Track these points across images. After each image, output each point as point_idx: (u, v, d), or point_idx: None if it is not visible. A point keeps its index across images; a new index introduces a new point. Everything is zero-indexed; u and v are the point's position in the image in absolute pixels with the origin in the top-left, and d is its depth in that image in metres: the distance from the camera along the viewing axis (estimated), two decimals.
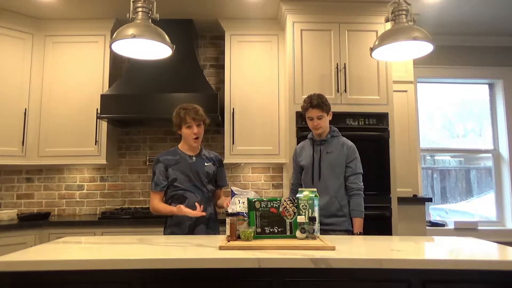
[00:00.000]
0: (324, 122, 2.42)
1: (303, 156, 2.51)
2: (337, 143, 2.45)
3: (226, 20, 3.63)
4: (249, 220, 1.87)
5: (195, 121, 2.32)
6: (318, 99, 2.40)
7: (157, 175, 2.35)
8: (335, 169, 2.40)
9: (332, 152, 2.42)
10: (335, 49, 3.27)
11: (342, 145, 2.44)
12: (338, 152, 2.42)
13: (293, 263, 1.48)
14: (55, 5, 3.37)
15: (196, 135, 2.33)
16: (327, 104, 2.43)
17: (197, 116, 2.32)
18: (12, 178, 3.79)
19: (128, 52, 2.29)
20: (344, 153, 2.41)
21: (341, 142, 2.46)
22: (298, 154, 2.57)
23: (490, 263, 1.50)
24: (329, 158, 2.42)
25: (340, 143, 2.45)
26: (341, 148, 2.43)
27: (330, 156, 2.42)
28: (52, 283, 1.49)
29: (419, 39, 2.03)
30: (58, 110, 3.52)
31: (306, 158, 2.48)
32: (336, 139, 2.47)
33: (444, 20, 3.72)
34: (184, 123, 2.31)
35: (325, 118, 2.42)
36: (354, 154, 2.43)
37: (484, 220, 4.11)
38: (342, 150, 2.42)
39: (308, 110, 2.41)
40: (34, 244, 3.05)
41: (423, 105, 4.22)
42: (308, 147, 2.52)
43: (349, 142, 2.47)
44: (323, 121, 2.41)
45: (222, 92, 3.74)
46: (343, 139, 2.49)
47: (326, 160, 2.42)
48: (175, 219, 2.32)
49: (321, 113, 2.39)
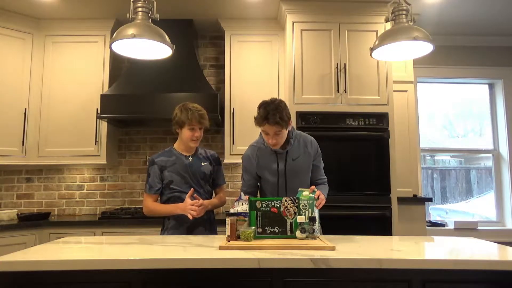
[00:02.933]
0: (282, 138, 2.08)
1: (265, 168, 2.19)
2: (298, 144, 2.19)
3: (226, 20, 3.63)
4: (250, 220, 1.87)
5: (199, 125, 2.27)
6: (276, 113, 1.98)
7: (152, 177, 2.30)
8: (304, 175, 2.19)
9: (298, 157, 2.17)
10: (335, 49, 3.27)
11: (305, 144, 2.20)
12: (304, 155, 2.18)
13: (293, 263, 1.48)
14: (55, 5, 3.37)
15: (197, 138, 2.29)
16: (287, 118, 2.02)
17: (203, 121, 2.27)
18: (12, 178, 3.79)
19: (128, 52, 2.29)
20: (310, 155, 2.20)
21: (302, 142, 2.21)
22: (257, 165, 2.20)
23: (490, 263, 1.50)
24: (296, 165, 2.17)
25: (302, 143, 2.20)
26: (305, 149, 2.19)
27: (296, 163, 2.17)
28: (52, 283, 1.49)
29: (419, 39, 2.03)
30: (58, 110, 3.53)
31: (269, 168, 2.18)
32: (296, 140, 2.20)
33: (444, 20, 3.72)
34: (189, 125, 2.25)
35: (284, 133, 2.07)
36: (318, 149, 2.24)
37: (484, 220, 4.11)
38: (305, 150, 2.19)
39: (264, 126, 2.03)
40: (34, 244, 3.05)
41: (423, 105, 4.23)
42: (268, 156, 2.18)
43: (308, 137, 2.24)
44: (280, 137, 2.07)
45: (222, 92, 3.74)
46: (303, 136, 2.23)
47: (293, 169, 2.16)
48: (172, 221, 2.28)
49: (280, 129, 2.02)
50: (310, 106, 3.17)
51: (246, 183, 2.28)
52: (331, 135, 3.11)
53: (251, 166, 2.23)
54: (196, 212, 2.14)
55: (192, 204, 2.15)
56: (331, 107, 3.19)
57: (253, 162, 2.22)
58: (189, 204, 2.15)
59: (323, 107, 3.18)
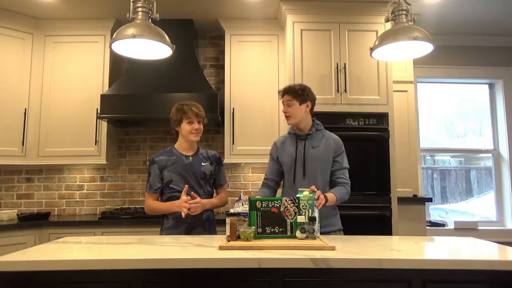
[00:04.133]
0: (293, 110, 2.22)
1: (285, 152, 2.30)
2: (323, 137, 2.28)
3: (226, 20, 3.63)
4: (250, 220, 1.87)
5: (197, 117, 2.29)
6: (290, 86, 2.26)
7: (152, 177, 2.31)
8: (322, 165, 2.23)
9: (318, 146, 2.24)
10: (335, 49, 3.27)
11: (328, 138, 2.28)
12: (325, 146, 2.24)
13: (293, 263, 1.48)
14: (55, 5, 3.37)
15: (197, 130, 2.30)
16: (303, 93, 2.22)
17: (200, 112, 2.30)
18: (12, 178, 3.79)
19: (128, 52, 2.29)
20: (331, 147, 2.24)
21: (327, 136, 2.29)
22: (279, 149, 2.34)
23: (490, 263, 1.50)
24: (315, 153, 2.23)
25: (326, 137, 2.28)
26: (328, 142, 2.26)
27: (316, 151, 2.23)
28: (52, 283, 1.49)
29: (419, 39, 2.03)
30: (58, 110, 3.53)
31: (288, 154, 2.28)
32: (321, 133, 2.30)
33: (444, 20, 3.72)
34: (186, 118, 2.27)
35: (296, 106, 2.21)
36: (341, 147, 2.28)
37: (484, 220, 4.11)
38: (329, 144, 2.25)
39: (282, 96, 2.27)
40: (34, 244, 3.05)
41: (423, 105, 4.23)
42: (290, 142, 2.32)
43: (335, 135, 2.31)
44: (292, 108, 2.22)
45: (222, 92, 3.74)
46: (329, 133, 2.32)
47: (311, 155, 2.22)
48: (171, 221, 2.28)
49: (290, 99, 2.21)
50: None
51: (268, 170, 2.39)
52: None
53: (275, 151, 2.37)
54: (192, 209, 2.14)
55: (186, 201, 2.15)
56: (331, 107, 3.19)
57: (278, 146, 2.37)
58: (183, 201, 2.15)
59: (323, 107, 3.17)
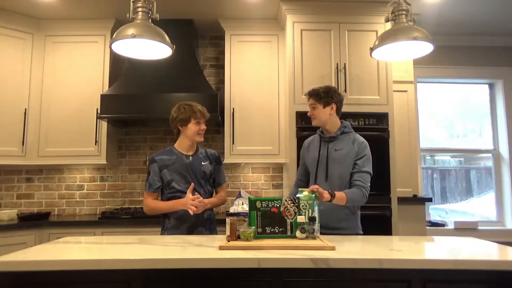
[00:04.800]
0: (318, 113, 2.25)
1: (309, 153, 2.34)
2: (348, 139, 2.25)
3: (226, 20, 3.63)
4: (250, 220, 1.87)
5: (204, 118, 2.34)
6: (314, 89, 2.27)
7: (152, 176, 2.31)
8: (343, 168, 2.20)
9: (342, 149, 2.22)
10: (335, 49, 3.27)
11: (353, 141, 2.24)
12: (348, 148, 2.22)
13: (293, 263, 1.48)
14: (55, 5, 3.37)
15: (203, 131, 2.35)
16: (324, 95, 2.23)
17: (206, 113, 2.36)
18: (12, 178, 3.79)
19: (128, 52, 2.29)
20: (354, 150, 2.21)
21: (353, 138, 2.26)
22: (306, 149, 2.39)
23: (490, 263, 1.50)
24: (337, 155, 2.21)
25: (351, 139, 2.25)
26: (352, 144, 2.23)
27: (338, 153, 2.22)
28: (52, 283, 1.49)
29: (419, 39, 2.03)
30: (58, 110, 3.52)
31: (311, 156, 2.31)
32: (347, 136, 2.27)
33: (444, 20, 3.72)
34: (195, 118, 2.29)
35: (320, 109, 2.24)
36: (364, 151, 2.21)
37: (484, 220, 4.11)
38: (352, 146, 2.22)
39: (308, 100, 2.30)
40: (34, 244, 3.05)
41: (423, 105, 4.23)
42: (315, 143, 2.34)
43: (361, 138, 2.27)
44: (317, 112, 2.25)
45: (222, 92, 3.74)
46: (356, 135, 2.28)
47: (333, 158, 2.22)
48: (173, 221, 2.29)
49: (314, 102, 2.25)
50: None
51: (298, 172, 2.48)
52: None
53: (303, 152, 2.42)
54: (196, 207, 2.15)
55: (193, 199, 2.16)
56: None
57: (305, 147, 2.41)
58: (190, 199, 2.16)
59: None
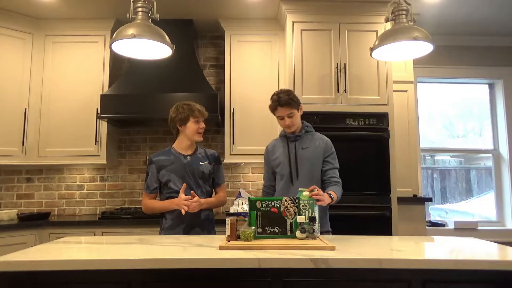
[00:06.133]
0: (296, 119, 2.28)
1: (276, 155, 2.35)
2: (312, 138, 2.34)
3: (226, 20, 3.63)
4: (250, 220, 1.87)
5: (203, 117, 2.34)
6: (286, 95, 2.24)
7: (149, 177, 2.32)
8: (312, 166, 2.27)
9: (308, 147, 2.30)
10: (335, 49, 3.27)
11: (318, 139, 2.34)
12: (314, 146, 2.30)
13: (293, 263, 1.48)
14: (55, 5, 3.37)
15: (203, 130, 2.35)
16: (296, 99, 2.28)
17: (205, 112, 2.36)
18: (12, 178, 3.79)
19: (128, 52, 2.29)
20: (321, 148, 2.30)
21: (316, 137, 2.35)
22: (271, 153, 2.40)
23: (490, 263, 1.50)
24: (306, 154, 2.28)
25: (315, 138, 2.34)
26: (317, 142, 2.32)
27: (306, 151, 2.29)
28: (52, 283, 1.49)
29: (419, 39, 2.03)
30: (58, 110, 3.52)
31: (281, 156, 2.33)
32: (310, 134, 2.36)
33: (444, 20, 3.72)
34: (194, 117, 2.29)
35: (296, 114, 2.28)
36: (332, 147, 2.33)
37: (484, 220, 4.11)
38: (318, 144, 2.31)
39: (277, 109, 2.26)
40: (34, 244, 3.05)
41: (423, 105, 4.23)
42: (280, 145, 2.37)
43: (324, 136, 2.37)
44: (294, 118, 2.27)
45: (222, 92, 3.74)
46: (318, 134, 2.38)
47: (302, 156, 2.28)
48: (169, 221, 2.28)
49: (291, 110, 2.24)
50: (310, 106, 3.16)
51: (265, 177, 2.47)
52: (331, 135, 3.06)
53: (268, 157, 2.43)
54: (189, 207, 2.15)
55: (186, 199, 2.16)
56: (331, 107, 3.19)
57: (269, 150, 2.42)
58: (182, 199, 2.16)
59: (323, 107, 3.18)
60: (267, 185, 2.44)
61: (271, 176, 2.42)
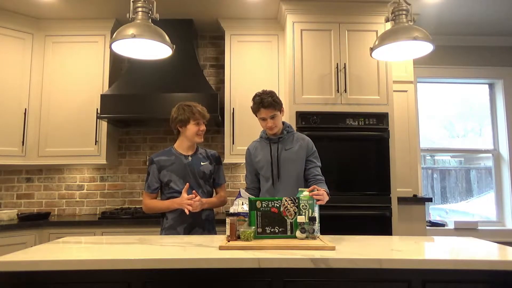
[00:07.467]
0: (278, 121, 2.29)
1: (259, 157, 2.34)
2: (294, 138, 2.35)
3: (226, 20, 3.63)
4: (250, 220, 1.87)
5: (203, 118, 2.34)
6: (269, 97, 2.24)
7: (150, 177, 2.33)
8: (296, 166, 2.29)
9: (292, 147, 2.31)
10: (335, 49, 3.27)
11: (300, 139, 2.35)
12: (297, 147, 2.32)
13: (293, 263, 1.48)
14: (55, 5, 3.37)
15: (203, 132, 2.35)
16: (279, 101, 2.28)
17: (206, 114, 2.36)
18: (12, 178, 3.79)
19: (128, 52, 2.29)
20: (303, 147, 2.32)
21: (297, 137, 2.36)
22: (253, 155, 2.38)
23: (490, 263, 1.50)
24: (289, 154, 2.29)
25: (296, 138, 2.35)
26: (299, 142, 2.33)
27: (290, 152, 2.30)
28: (52, 283, 1.49)
29: (419, 39, 2.03)
30: (58, 110, 3.52)
31: (263, 158, 2.33)
32: (292, 135, 2.36)
33: (444, 20, 3.72)
34: (194, 119, 2.30)
35: (279, 116, 2.28)
36: (313, 147, 2.35)
37: (484, 220, 4.11)
38: (301, 144, 2.32)
39: (260, 111, 2.26)
40: (34, 244, 3.05)
41: (423, 105, 4.23)
42: (262, 146, 2.37)
43: (305, 136, 2.39)
44: (277, 120, 2.27)
45: (222, 92, 3.74)
46: (299, 134, 2.40)
47: (286, 157, 2.29)
48: (170, 221, 2.29)
49: (274, 112, 2.24)
50: (310, 106, 3.17)
51: (248, 179, 2.43)
52: (331, 135, 3.11)
53: (249, 158, 2.40)
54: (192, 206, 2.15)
55: (188, 199, 2.16)
56: (331, 107, 3.19)
57: (251, 152, 2.40)
58: (185, 199, 2.16)
59: (323, 107, 3.18)
60: (251, 187, 2.40)
61: (254, 178, 2.41)
